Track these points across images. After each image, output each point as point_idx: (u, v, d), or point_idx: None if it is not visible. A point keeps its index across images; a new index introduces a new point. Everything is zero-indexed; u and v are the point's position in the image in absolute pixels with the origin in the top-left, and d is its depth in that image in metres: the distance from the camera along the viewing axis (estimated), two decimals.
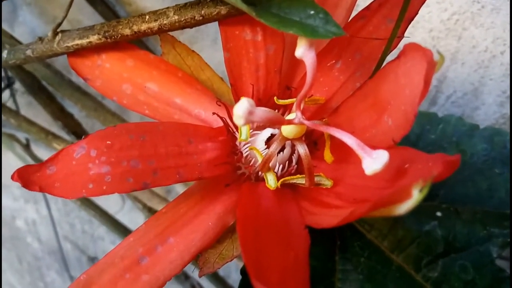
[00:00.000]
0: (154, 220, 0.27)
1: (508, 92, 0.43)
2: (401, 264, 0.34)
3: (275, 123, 0.22)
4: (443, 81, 0.44)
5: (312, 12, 0.21)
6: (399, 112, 0.21)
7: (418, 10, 0.25)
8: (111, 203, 0.70)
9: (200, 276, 0.26)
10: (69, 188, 0.23)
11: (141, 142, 0.24)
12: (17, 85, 0.62)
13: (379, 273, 0.34)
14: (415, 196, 0.16)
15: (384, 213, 0.18)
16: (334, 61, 0.28)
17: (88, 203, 0.64)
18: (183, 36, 0.53)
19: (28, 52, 0.33)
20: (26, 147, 0.65)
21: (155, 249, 0.26)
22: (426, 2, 0.26)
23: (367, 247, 0.35)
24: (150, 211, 0.61)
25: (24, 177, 0.23)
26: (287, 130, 0.24)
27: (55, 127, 0.55)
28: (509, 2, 0.38)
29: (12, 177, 0.23)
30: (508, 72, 0.42)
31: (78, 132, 0.53)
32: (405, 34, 0.26)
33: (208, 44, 0.50)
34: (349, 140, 0.20)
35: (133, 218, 0.75)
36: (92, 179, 0.23)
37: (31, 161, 0.63)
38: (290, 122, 0.22)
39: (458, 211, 0.36)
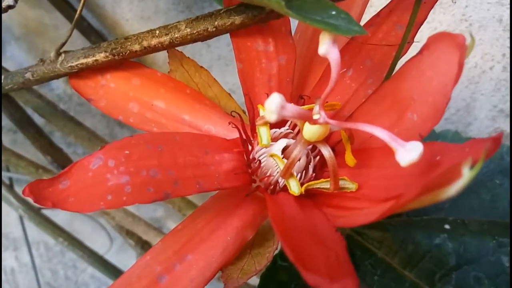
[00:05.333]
0: (170, 237, 0.26)
1: (500, 106, 0.44)
2: (414, 280, 0.33)
3: (305, 119, 0.22)
4: None
5: (334, 12, 0.21)
6: (426, 105, 0.21)
7: (427, 15, 0.26)
8: (97, 244, 0.67)
9: None
10: (85, 201, 0.22)
11: (159, 152, 0.24)
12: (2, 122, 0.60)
13: None
14: (466, 174, 0.16)
15: (425, 201, 0.18)
16: (345, 69, 0.28)
17: (75, 243, 0.61)
18: None
19: (28, 75, 0.32)
20: (10, 187, 0.62)
21: (173, 267, 0.24)
22: None
23: (379, 265, 0.34)
24: (143, 247, 0.59)
25: (36, 192, 0.22)
26: (311, 132, 0.23)
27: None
28: (494, 20, 0.40)
29: (24, 193, 0.22)
30: (498, 86, 0.43)
31: (67, 166, 0.51)
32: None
33: None
34: (380, 133, 0.20)
35: (121, 259, 0.72)
36: (111, 190, 0.22)
37: (15, 202, 0.60)
38: (315, 122, 0.22)
39: (465, 223, 0.36)
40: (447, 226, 0.36)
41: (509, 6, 0.39)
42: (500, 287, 0.33)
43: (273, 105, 0.19)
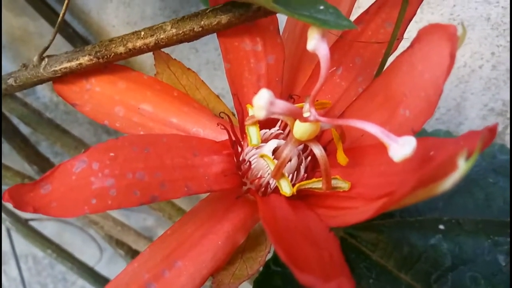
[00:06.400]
0: (159, 243, 0.25)
1: (490, 105, 0.44)
2: (410, 282, 0.33)
3: (295, 116, 0.21)
4: None
5: (322, 7, 0.21)
6: (418, 99, 0.20)
7: (416, 11, 0.26)
8: (87, 256, 0.65)
9: None
10: (68, 206, 0.21)
11: (145, 154, 0.23)
12: None
13: None
14: (462, 166, 0.15)
15: (420, 196, 0.17)
16: (334, 68, 0.28)
17: (64, 255, 0.59)
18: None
19: (10, 81, 0.31)
20: None
21: (162, 274, 0.24)
22: None
23: (374, 268, 0.34)
24: (134, 257, 0.57)
25: (16, 198, 0.21)
26: (301, 131, 0.23)
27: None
28: (482, 19, 0.40)
29: (3, 198, 0.21)
30: (488, 85, 0.43)
31: None
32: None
33: None
34: (371, 128, 0.19)
35: (111, 270, 0.70)
36: (95, 194, 0.21)
37: (1, 214, 0.59)
38: (306, 119, 0.22)
39: (460, 223, 0.36)
40: (441, 227, 0.36)
41: (496, 4, 0.39)
42: (498, 286, 0.32)
43: (262, 101, 0.18)
